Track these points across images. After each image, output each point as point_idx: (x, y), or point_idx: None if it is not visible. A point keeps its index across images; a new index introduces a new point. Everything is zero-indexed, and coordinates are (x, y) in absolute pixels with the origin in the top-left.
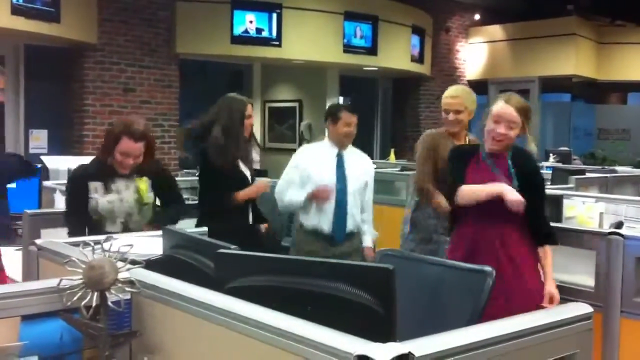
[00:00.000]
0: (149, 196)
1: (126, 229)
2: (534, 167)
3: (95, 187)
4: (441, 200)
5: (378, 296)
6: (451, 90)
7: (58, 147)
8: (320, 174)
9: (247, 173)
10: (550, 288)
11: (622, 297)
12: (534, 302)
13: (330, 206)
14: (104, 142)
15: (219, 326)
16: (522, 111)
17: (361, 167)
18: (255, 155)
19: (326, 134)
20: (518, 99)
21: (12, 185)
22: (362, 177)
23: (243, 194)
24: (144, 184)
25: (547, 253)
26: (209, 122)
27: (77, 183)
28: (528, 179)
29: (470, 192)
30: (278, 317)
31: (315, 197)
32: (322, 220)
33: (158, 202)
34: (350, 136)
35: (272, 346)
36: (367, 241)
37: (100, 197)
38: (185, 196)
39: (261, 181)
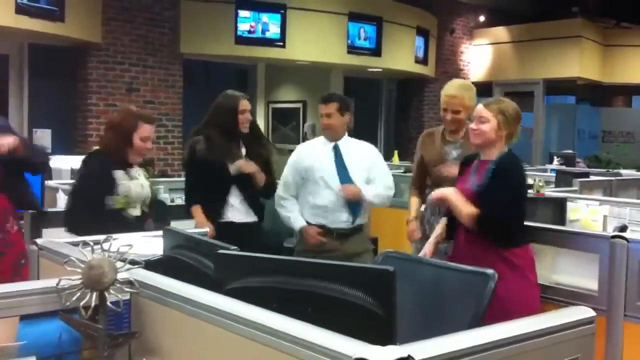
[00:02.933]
0: (150, 182)
1: (142, 213)
2: (508, 167)
3: (119, 175)
4: (412, 207)
5: (378, 298)
6: (450, 88)
7: (62, 146)
8: (320, 167)
9: (232, 169)
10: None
11: (625, 301)
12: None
13: (337, 202)
14: (117, 135)
15: (218, 327)
16: (495, 109)
17: (360, 155)
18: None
19: None
20: (496, 100)
21: None
22: (364, 165)
23: (197, 216)
24: (143, 175)
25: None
26: (206, 122)
27: (104, 172)
28: (498, 176)
29: (432, 196)
30: (277, 318)
31: (305, 234)
32: (329, 217)
33: None
34: (328, 128)
35: (271, 348)
36: (365, 189)
37: (126, 183)
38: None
39: (242, 162)
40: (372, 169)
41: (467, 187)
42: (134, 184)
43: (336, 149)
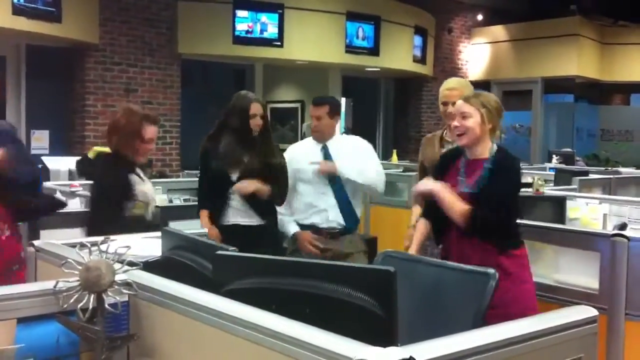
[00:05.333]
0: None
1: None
2: (508, 166)
3: (134, 179)
4: (413, 211)
5: (379, 299)
6: (449, 83)
7: (60, 147)
8: (309, 167)
9: (236, 174)
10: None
11: (626, 300)
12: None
13: (328, 202)
14: (125, 137)
15: (217, 329)
16: (477, 102)
17: (349, 151)
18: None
19: None
20: (476, 95)
21: None
22: (353, 160)
23: (203, 219)
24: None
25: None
26: (220, 124)
27: (122, 178)
28: (496, 175)
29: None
30: (277, 320)
31: (298, 240)
32: (320, 217)
33: None
34: (316, 130)
35: (270, 349)
36: (342, 166)
37: (141, 187)
38: (185, 197)
39: (240, 184)
40: (361, 163)
41: (461, 191)
42: (148, 187)
43: (325, 149)
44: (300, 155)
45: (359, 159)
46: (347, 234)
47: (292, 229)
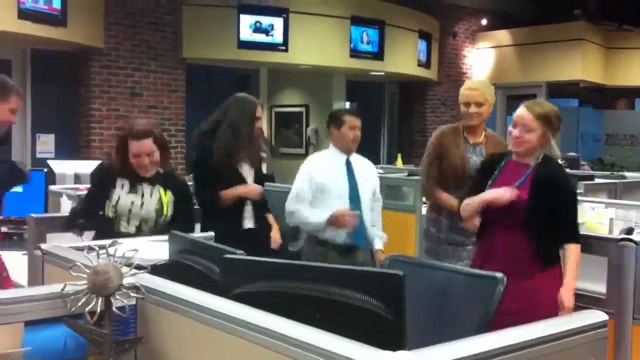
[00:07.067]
0: (169, 209)
1: (139, 232)
2: (559, 182)
3: (122, 183)
4: (451, 201)
5: (388, 303)
6: (471, 83)
7: (65, 151)
8: (334, 182)
9: (250, 177)
10: (563, 293)
11: (634, 305)
12: (544, 310)
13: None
14: (116, 150)
15: (225, 333)
16: (542, 118)
17: (369, 173)
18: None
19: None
20: (540, 105)
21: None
22: (371, 184)
23: (227, 193)
24: (167, 197)
25: (570, 252)
26: (217, 121)
27: (105, 176)
28: (552, 193)
29: (466, 205)
30: (285, 324)
31: (337, 222)
32: (336, 232)
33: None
34: (357, 141)
35: (279, 354)
36: (378, 244)
37: (123, 194)
38: None
39: (251, 186)
40: (375, 189)
41: (520, 200)
42: (128, 198)
43: (349, 165)
44: (325, 169)
45: (373, 182)
46: (360, 248)
47: (324, 215)
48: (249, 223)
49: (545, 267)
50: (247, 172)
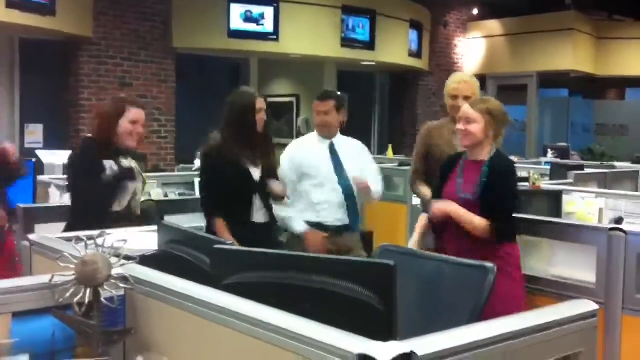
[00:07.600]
0: (145, 177)
1: (129, 209)
2: (504, 171)
3: (110, 164)
4: (427, 195)
5: (378, 293)
6: (459, 76)
7: (54, 141)
8: (317, 165)
9: (257, 172)
10: (449, 203)
11: (624, 294)
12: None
13: (337, 200)
14: (103, 121)
15: (215, 323)
16: (484, 111)
17: (353, 152)
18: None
19: None
20: (483, 101)
21: None
22: (357, 162)
23: (222, 233)
24: (136, 164)
25: (482, 220)
26: (225, 124)
27: (93, 160)
28: (498, 183)
29: (436, 209)
30: (276, 314)
31: (307, 239)
32: (329, 214)
33: None
34: (324, 126)
35: (270, 344)
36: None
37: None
38: (180, 191)
39: (276, 186)
40: (364, 167)
41: (460, 196)
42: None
43: (332, 147)
44: (307, 152)
45: (362, 162)
46: (349, 231)
47: (301, 227)
48: (259, 217)
49: (498, 241)
50: (253, 167)
